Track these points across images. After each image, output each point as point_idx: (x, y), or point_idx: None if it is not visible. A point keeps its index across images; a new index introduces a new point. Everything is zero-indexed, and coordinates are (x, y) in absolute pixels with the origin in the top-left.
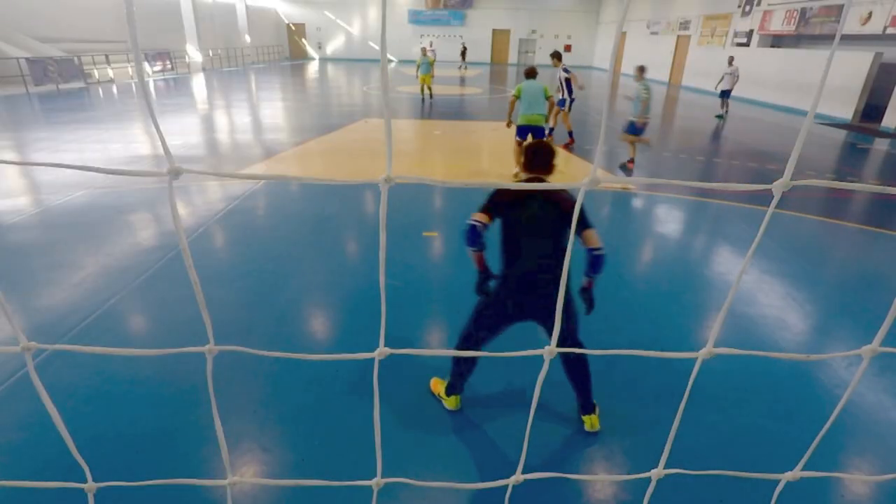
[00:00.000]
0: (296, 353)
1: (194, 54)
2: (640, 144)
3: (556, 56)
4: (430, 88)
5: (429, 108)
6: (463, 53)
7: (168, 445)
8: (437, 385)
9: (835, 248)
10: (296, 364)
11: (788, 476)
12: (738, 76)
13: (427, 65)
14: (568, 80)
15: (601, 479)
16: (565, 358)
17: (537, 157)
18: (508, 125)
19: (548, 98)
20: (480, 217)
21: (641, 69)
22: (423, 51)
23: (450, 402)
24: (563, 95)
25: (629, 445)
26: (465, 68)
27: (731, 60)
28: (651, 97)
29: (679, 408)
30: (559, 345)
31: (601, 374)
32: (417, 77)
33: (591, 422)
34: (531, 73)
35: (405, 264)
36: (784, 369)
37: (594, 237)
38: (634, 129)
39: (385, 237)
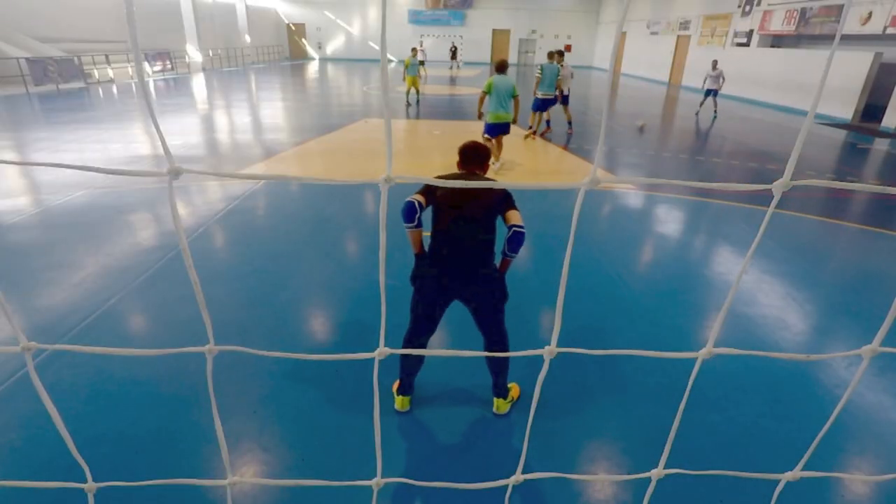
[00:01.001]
0: (296, 354)
1: (194, 54)
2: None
3: (554, 55)
4: (417, 91)
5: (416, 111)
6: (453, 53)
7: (168, 445)
8: (396, 384)
9: (835, 248)
10: (296, 364)
11: (788, 476)
12: (723, 79)
13: (414, 66)
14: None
15: (601, 479)
16: (487, 340)
17: (474, 155)
18: (480, 117)
19: (514, 97)
20: (418, 197)
21: (551, 54)
22: (414, 51)
23: (396, 402)
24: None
25: (629, 445)
26: (458, 68)
27: (714, 64)
28: (542, 77)
29: (679, 408)
30: (482, 326)
31: (601, 374)
32: (405, 79)
33: (498, 404)
34: (502, 67)
35: (405, 264)
36: (784, 369)
37: (517, 216)
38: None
39: (385, 237)
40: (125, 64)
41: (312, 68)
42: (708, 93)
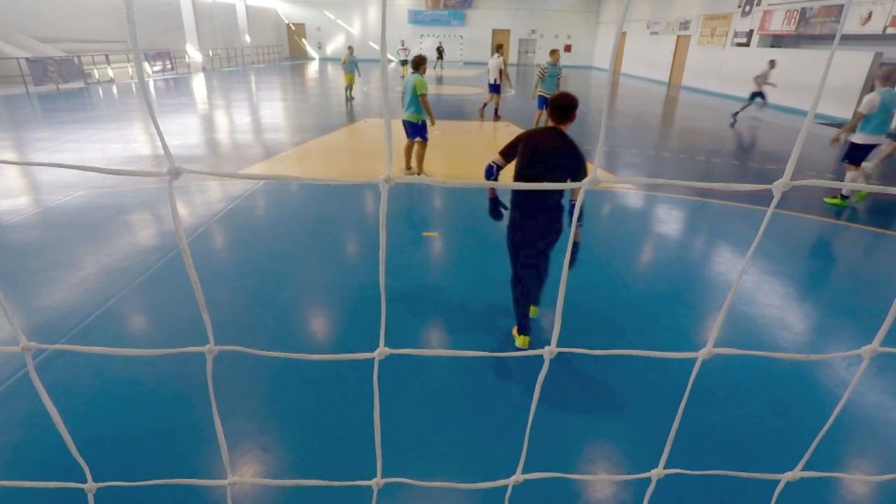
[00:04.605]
0: (296, 354)
1: (194, 54)
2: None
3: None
4: (350, 88)
5: (351, 107)
6: (440, 53)
7: (168, 445)
8: (515, 330)
9: (835, 248)
10: (296, 363)
11: (788, 476)
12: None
13: (351, 64)
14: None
15: (601, 479)
16: (536, 271)
17: (557, 109)
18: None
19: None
20: (497, 159)
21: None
22: (350, 49)
23: (520, 341)
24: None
25: (629, 445)
26: (441, 68)
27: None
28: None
29: (679, 409)
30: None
31: (602, 373)
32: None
33: (533, 311)
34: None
35: (405, 264)
36: (784, 369)
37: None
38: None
39: (385, 237)
40: (125, 64)
41: (312, 68)
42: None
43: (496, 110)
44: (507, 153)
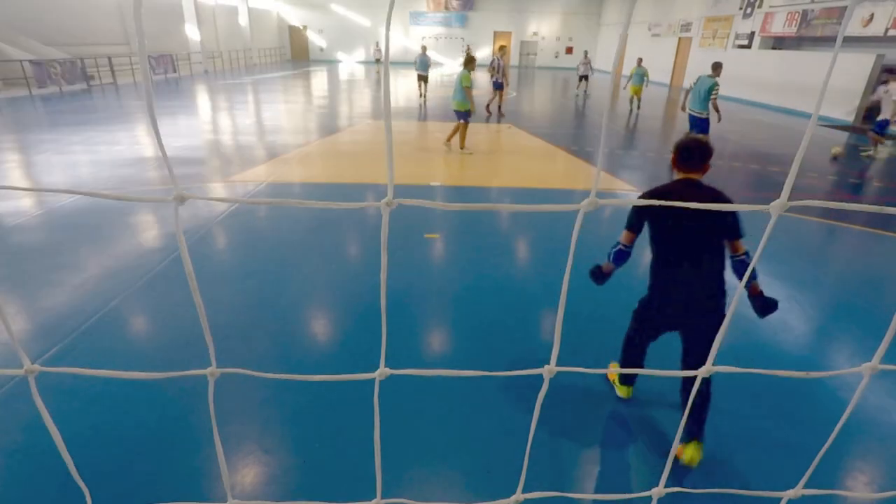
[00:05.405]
0: (297, 375)
1: (196, 57)
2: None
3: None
4: None
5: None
6: (423, 53)
7: (169, 446)
8: (613, 368)
9: (838, 250)
10: (297, 365)
11: (790, 494)
12: (591, 66)
13: None
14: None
15: (603, 499)
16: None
17: (685, 154)
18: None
19: (464, 87)
20: (624, 237)
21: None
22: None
23: (621, 391)
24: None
25: (632, 460)
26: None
27: (585, 54)
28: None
29: (680, 426)
30: (691, 361)
31: (601, 385)
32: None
33: (689, 453)
34: (465, 63)
35: (407, 266)
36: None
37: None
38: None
39: (386, 259)
40: (128, 66)
41: (315, 70)
42: (581, 77)
43: (499, 106)
44: (635, 225)
